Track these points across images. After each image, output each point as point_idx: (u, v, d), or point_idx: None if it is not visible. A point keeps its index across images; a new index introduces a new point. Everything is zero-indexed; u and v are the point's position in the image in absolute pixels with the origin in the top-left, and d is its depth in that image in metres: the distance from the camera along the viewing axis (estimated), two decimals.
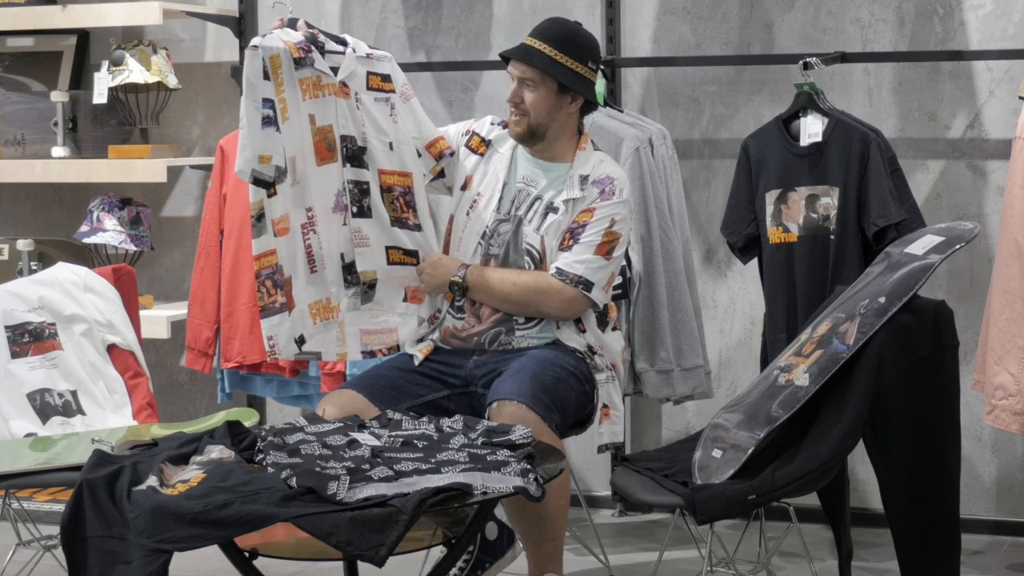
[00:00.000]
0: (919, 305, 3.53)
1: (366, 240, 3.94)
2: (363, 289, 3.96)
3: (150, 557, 2.97)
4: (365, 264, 3.94)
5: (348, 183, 3.89)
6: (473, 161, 4.03)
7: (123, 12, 5.09)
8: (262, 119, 3.70)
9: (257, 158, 3.70)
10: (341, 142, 3.88)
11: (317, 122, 3.84)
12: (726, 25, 4.92)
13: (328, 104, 3.86)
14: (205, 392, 5.50)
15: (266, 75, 3.70)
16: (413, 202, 3.95)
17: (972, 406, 4.53)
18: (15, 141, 5.29)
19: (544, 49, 3.88)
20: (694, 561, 4.41)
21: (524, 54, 3.89)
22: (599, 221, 3.88)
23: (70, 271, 4.46)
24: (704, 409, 4.91)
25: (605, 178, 3.91)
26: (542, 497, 3.13)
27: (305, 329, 3.86)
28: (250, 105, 3.70)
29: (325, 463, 3.12)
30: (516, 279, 3.88)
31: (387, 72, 3.98)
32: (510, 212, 3.95)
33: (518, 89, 3.90)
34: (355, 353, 3.98)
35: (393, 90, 3.98)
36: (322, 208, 3.86)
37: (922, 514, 3.56)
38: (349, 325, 3.94)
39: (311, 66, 3.80)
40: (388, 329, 4.00)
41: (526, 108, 3.89)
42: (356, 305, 3.94)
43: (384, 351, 4.00)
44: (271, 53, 3.72)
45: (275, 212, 3.77)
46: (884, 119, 4.74)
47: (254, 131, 3.70)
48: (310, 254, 3.85)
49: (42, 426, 4.19)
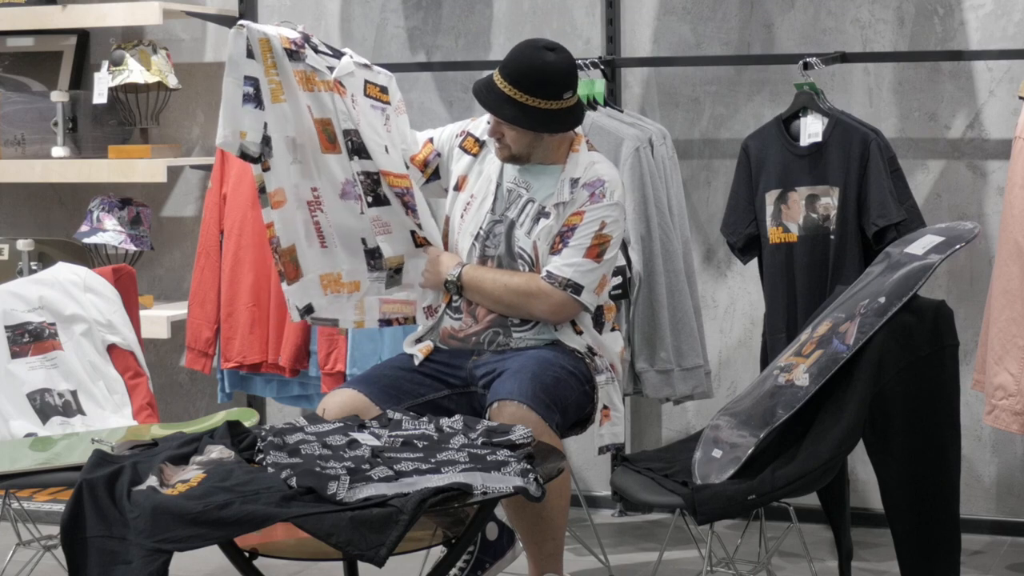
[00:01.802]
0: (919, 305, 3.53)
1: (387, 227, 3.97)
2: (390, 274, 4.01)
3: (150, 557, 2.97)
4: (394, 250, 3.99)
5: (358, 175, 3.91)
6: (467, 161, 4.02)
7: (123, 12, 5.09)
8: (243, 96, 3.74)
9: (238, 133, 3.75)
10: (344, 136, 3.89)
11: (315, 114, 3.88)
12: (726, 25, 4.92)
13: (324, 99, 3.88)
14: (205, 392, 5.50)
15: (250, 54, 3.74)
16: (412, 203, 3.96)
17: (972, 406, 4.53)
18: (15, 141, 5.30)
19: (516, 96, 3.80)
20: (694, 561, 4.41)
21: (496, 105, 3.82)
22: (589, 224, 3.86)
23: (70, 271, 4.46)
24: (704, 409, 4.91)
25: (596, 180, 3.88)
26: (542, 497, 3.13)
27: (314, 298, 3.94)
28: (231, 82, 3.74)
29: (325, 463, 3.12)
30: (508, 281, 3.88)
31: (384, 85, 4.01)
32: (503, 213, 3.94)
33: (496, 127, 3.87)
34: (372, 321, 4.04)
35: (389, 103, 4.00)
36: (329, 190, 3.92)
37: (922, 514, 3.56)
38: (367, 295, 4.00)
39: (303, 61, 3.84)
40: (407, 300, 4.05)
41: (507, 143, 3.88)
42: (381, 290, 4.01)
43: (401, 320, 4.06)
44: (259, 36, 3.76)
45: (271, 185, 3.84)
46: (884, 119, 4.74)
47: (235, 107, 3.74)
48: (319, 230, 3.93)
49: (42, 426, 4.19)
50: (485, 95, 3.86)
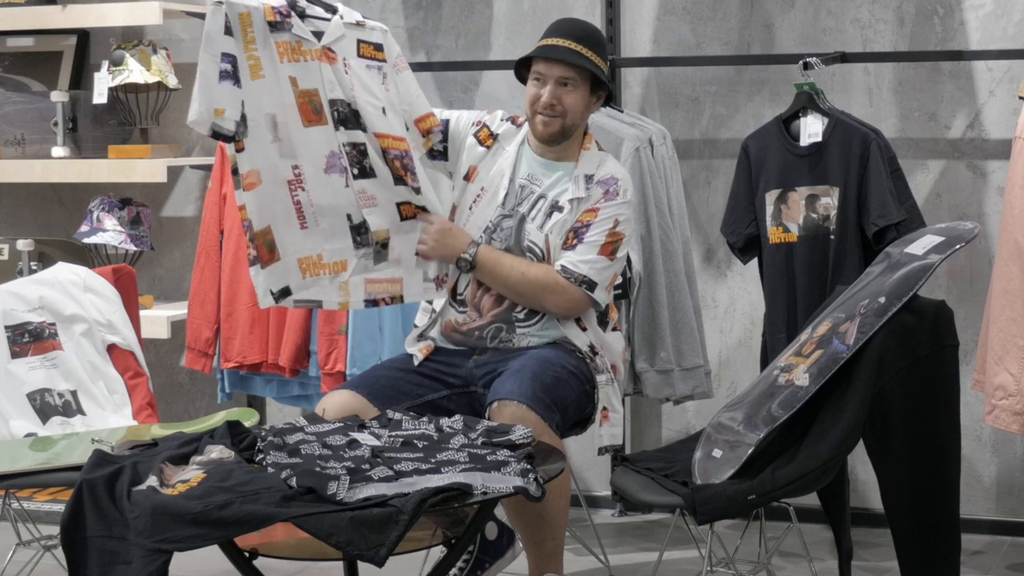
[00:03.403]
0: (919, 305, 3.53)
1: (373, 200, 3.90)
2: (376, 249, 3.92)
3: (150, 557, 2.97)
4: (379, 223, 3.90)
5: (344, 146, 3.85)
6: (479, 153, 4.02)
7: (123, 12, 5.09)
8: (220, 72, 3.66)
9: (212, 111, 3.66)
10: (331, 106, 3.83)
11: (300, 85, 3.80)
12: (726, 25, 4.92)
13: (311, 68, 3.81)
14: (205, 392, 5.50)
15: (228, 31, 3.67)
16: (411, 166, 3.91)
17: (972, 406, 4.53)
18: (15, 141, 5.30)
19: (581, 50, 3.88)
20: (694, 561, 4.41)
21: (570, 55, 3.87)
22: (603, 221, 3.88)
23: (70, 271, 4.46)
24: (704, 409, 4.91)
25: (609, 178, 3.92)
26: (542, 497, 3.13)
27: (291, 281, 3.81)
28: (207, 59, 3.65)
29: (325, 463, 3.12)
30: (526, 270, 3.88)
31: (379, 42, 3.94)
32: (513, 208, 3.95)
33: (556, 90, 3.88)
34: (358, 303, 3.93)
35: (385, 60, 3.94)
36: (311, 167, 3.82)
37: (922, 514, 3.56)
38: (354, 275, 3.92)
39: (288, 31, 3.76)
40: (393, 279, 3.97)
41: (563, 109, 3.88)
42: (368, 267, 3.91)
43: (387, 300, 3.96)
44: (239, 11, 3.69)
45: (243, 167, 3.74)
46: (884, 119, 4.74)
47: (210, 84, 3.65)
48: (299, 210, 3.81)
49: (42, 426, 4.19)
50: (554, 51, 3.87)
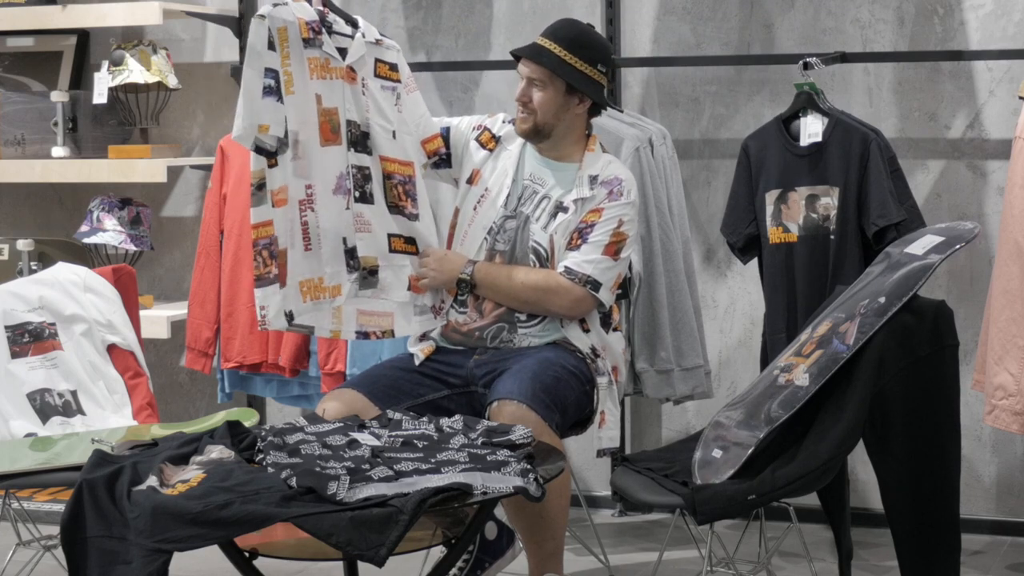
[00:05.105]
0: (919, 305, 3.53)
1: (368, 226, 3.93)
2: (363, 275, 3.94)
3: (150, 557, 2.97)
4: (367, 250, 3.94)
5: (352, 168, 3.89)
6: (482, 156, 4.04)
7: (123, 12, 5.09)
8: (263, 88, 3.67)
9: (256, 127, 3.67)
10: (347, 127, 3.87)
11: (324, 103, 3.83)
12: (726, 25, 4.92)
13: (335, 87, 3.85)
14: (205, 392, 5.50)
15: (271, 46, 3.68)
16: (413, 192, 3.94)
17: (972, 406, 4.53)
18: (15, 141, 5.29)
19: (554, 49, 3.90)
20: (694, 561, 4.41)
21: (534, 53, 3.91)
22: (607, 221, 3.89)
23: (70, 271, 4.46)
24: (704, 409, 4.91)
25: (613, 179, 3.93)
26: (542, 497, 3.13)
27: (294, 306, 3.83)
28: (252, 74, 3.66)
29: (325, 463, 3.12)
30: (525, 277, 3.89)
31: (394, 61, 3.99)
32: (516, 209, 3.96)
33: (527, 88, 3.92)
34: (349, 333, 3.96)
35: (399, 80, 3.98)
36: (323, 187, 3.85)
37: (922, 514, 3.56)
38: (347, 304, 3.94)
39: (320, 48, 3.80)
40: (385, 312, 3.99)
41: (533, 107, 3.91)
42: (355, 292, 3.94)
43: (378, 334, 3.99)
44: (279, 25, 3.71)
45: (275, 183, 3.75)
46: (884, 119, 4.74)
47: (254, 99, 3.67)
48: (306, 231, 3.83)
49: (42, 426, 4.19)
50: (525, 49, 3.94)
